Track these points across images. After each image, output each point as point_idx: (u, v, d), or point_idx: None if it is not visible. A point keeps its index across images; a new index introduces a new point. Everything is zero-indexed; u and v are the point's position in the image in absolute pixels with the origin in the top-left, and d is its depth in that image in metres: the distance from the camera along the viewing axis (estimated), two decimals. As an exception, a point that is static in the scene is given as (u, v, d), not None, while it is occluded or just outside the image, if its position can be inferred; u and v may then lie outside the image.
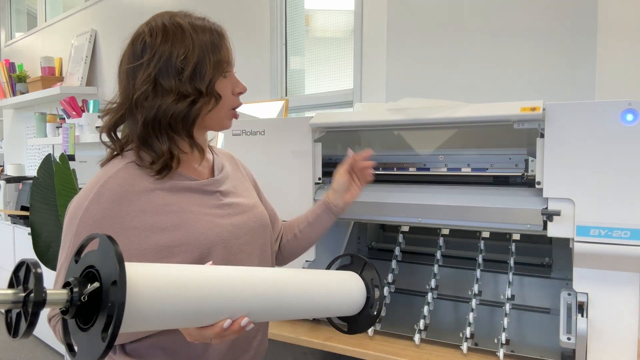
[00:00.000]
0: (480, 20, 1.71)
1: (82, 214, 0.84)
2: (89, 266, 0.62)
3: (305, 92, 2.46)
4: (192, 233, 0.88)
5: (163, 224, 0.86)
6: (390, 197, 1.30)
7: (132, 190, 0.86)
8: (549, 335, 1.21)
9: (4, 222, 3.54)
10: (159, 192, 0.88)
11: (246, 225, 0.97)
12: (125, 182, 0.86)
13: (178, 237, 0.86)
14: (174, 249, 0.86)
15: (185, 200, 0.90)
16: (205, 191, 0.94)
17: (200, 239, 0.88)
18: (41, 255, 2.19)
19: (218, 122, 0.95)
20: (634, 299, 1.03)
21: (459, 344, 1.20)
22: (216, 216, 0.93)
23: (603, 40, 1.46)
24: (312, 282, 0.91)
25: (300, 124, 1.38)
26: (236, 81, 0.96)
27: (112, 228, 0.83)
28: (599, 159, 1.02)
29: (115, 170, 0.88)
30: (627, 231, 1.00)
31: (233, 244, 0.93)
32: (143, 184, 0.87)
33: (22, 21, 4.97)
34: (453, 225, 1.26)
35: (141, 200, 0.86)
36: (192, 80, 0.87)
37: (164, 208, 0.87)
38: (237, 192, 1.01)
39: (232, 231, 0.93)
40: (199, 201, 0.92)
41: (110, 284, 0.58)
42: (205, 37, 0.89)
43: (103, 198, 0.84)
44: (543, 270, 1.37)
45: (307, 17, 2.46)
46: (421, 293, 1.38)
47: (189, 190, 0.91)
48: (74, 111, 3.38)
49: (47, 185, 2.21)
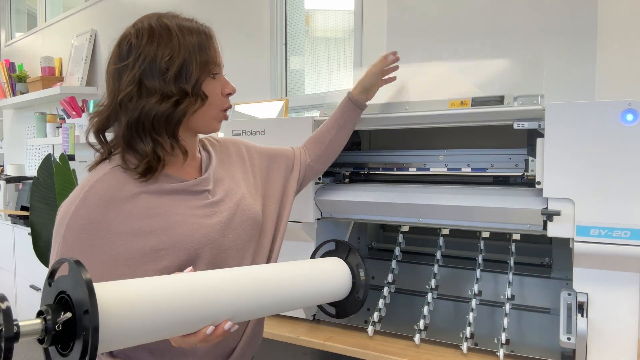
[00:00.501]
0: (480, 20, 1.71)
1: (69, 219, 0.84)
2: (61, 291, 0.63)
3: (305, 92, 2.46)
4: (178, 236, 0.88)
5: (149, 228, 0.86)
6: (390, 197, 1.30)
7: (118, 194, 0.86)
8: (549, 335, 1.21)
9: (4, 222, 3.53)
10: (145, 196, 0.88)
11: (234, 221, 0.97)
12: (111, 187, 0.86)
13: (164, 241, 0.87)
14: (160, 252, 0.86)
15: (171, 203, 0.90)
16: (193, 191, 0.94)
17: (187, 242, 0.88)
18: (41, 255, 2.19)
19: (206, 123, 0.95)
20: (634, 299, 1.03)
21: (459, 344, 1.20)
22: (203, 216, 0.92)
23: (603, 40, 1.46)
24: (296, 275, 0.93)
25: (300, 124, 1.38)
26: (225, 82, 0.96)
27: (98, 233, 0.84)
28: (599, 159, 1.02)
29: (102, 174, 0.88)
30: (627, 231, 1.00)
31: (222, 242, 0.94)
32: (128, 187, 0.87)
33: (22, 21, 4.97)
34: (453, 225, 1.26)
35: (127, 204, 0.86)
36: (177, 80, 0.87)
37: (150, 212, 0.87)
38: (226, 187, 1.00)
39: (220, 230, 0.93)
40: (185, 203, 0.91)
41: (83, 312, 0.60)
42: (192, 38, 0.89)
43: (89, 203, 0.84)
44: (543, 270, 1.37)
45: (307, 17, 2.46)
46: (421, 293, 1.38)
47: (175, 192, 0.91)
48: (74, 111, 3.38)
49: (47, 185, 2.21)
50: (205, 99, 0.91)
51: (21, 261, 3.41)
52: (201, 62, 0.89)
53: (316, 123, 1.36)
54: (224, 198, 0.98)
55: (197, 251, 0.89)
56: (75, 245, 0.84)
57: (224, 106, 0.96)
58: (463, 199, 1.21)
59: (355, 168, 1.50)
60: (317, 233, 1.41)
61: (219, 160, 1.04)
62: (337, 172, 1.50)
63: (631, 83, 1.43)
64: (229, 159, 1.07)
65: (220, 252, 0.93)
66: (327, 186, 1.42)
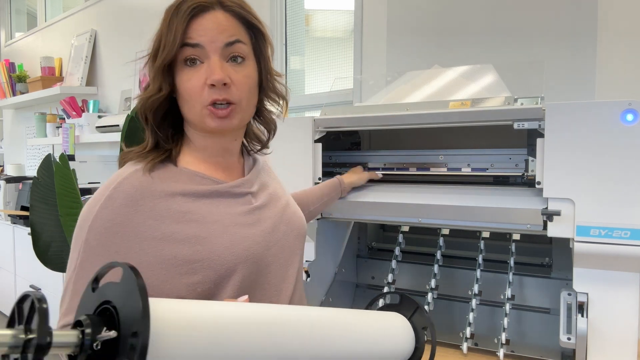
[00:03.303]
0: (480, 20, 1.71)
1: (92, 220, 0.74)
2: (106, 301, 0.52)
3: (305, 92, 2.46)
4: (216, 248, 0.77)
5: (182, 235, 0.76)
6: (390, 197, 1.30)
7: (148, 194, 0.76)
8: (549, 335, 1.21)
9: (4, 222, 3.53)
10: (180, 198, 0.78)
11: (278, 230, 0.87)
12: (141, 185, 0.76)
13: (200, 252, 0.76)
14: (194, 264, 0.76)
15: (209, 208, 0.79)
16: (235, 194, 0.83)
17: (226, 255, 0.77)
18: (41, 255, 2.19)
19: (196, 120, 0.80)
20: (634, 299, 1.03)
21: (459, 344, 1.20)
22: (244, 225, 0.81)
23: (603, 40, 1.46)
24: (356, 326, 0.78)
25: (300, 124, 1.38)
26: (210, 70, 0.76)
27: (124, 236, 0.74)
28: (599, 158, 1.01)
29: (131, 171, 0.78)
30: (627, 231, 1.00)
31: (264, 256, 0.82)
32: (161, 186, 0.77)
33: (22, 21, 4.97)
34: (453, 225, 1.26)
35: (159, 205, 0.76)
36: (149, 68, 0.79)
37: (185, 216, 0.77)
38: (270, 191, 0.91)
39: (263, 241, 0.83)
40: (225, 208, 0.81)
41: (131, 334, 0.48)
42: (163, 17, 0.78)
43: (115, 202, 0.74)
44: (543, 270, 1.37)
45: (307, 17, 2.46)
46: (421, 293, 1.38)
47: (215, 195, 0.81)
48: (74, 111, 3.39)
49: (47, 185, 2.21)
50: (162, 90, 0.78)
51: (21, 261, 3.41)
52: (158, 46, 0.77)
53: (316, 123, 1.36)
54: (268, 203, 0.88)
55: (236, 266, 0.78)
56: (99, 250, 0.74)
57: (205, 100, 0.77)
58: (463, 199, 1.21)
59: (355, 168, 1.49)
60: (317, 233, 1.41)
61: (264, 165, 0.96)
62: (337, 172, 1.50)
63: (631, 83, 1.42)
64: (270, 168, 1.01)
65: (262, 268, 0.82)
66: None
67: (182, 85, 0.78)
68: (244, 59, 0.80)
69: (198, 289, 0.76)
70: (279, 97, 0.89)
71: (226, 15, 0.79)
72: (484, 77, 1.38)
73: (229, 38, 0.78)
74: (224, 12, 0.79)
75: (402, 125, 1.29)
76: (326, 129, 1.36)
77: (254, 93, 0.83)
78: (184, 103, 0.79)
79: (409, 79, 1.51)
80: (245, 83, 0.80)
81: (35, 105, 4.13)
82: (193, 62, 0.77)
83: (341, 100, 2.21)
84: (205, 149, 0.84)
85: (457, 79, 1.40)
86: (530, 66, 1.49)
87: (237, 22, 0.80)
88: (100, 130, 2.98)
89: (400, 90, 1.47)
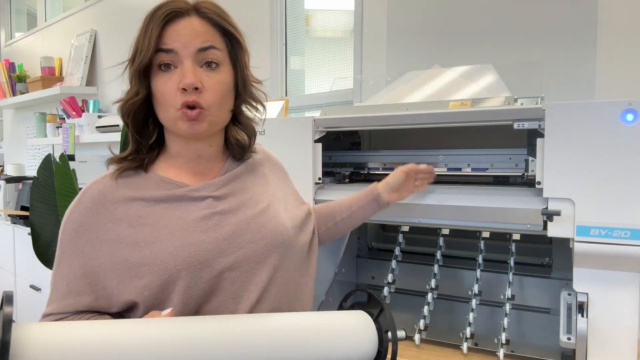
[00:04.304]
0: (480, 20, 1.71)
1: (64, 222, 0.81)
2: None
3: (305, 92, 2.46)
4: (160, 252, 0.77)
5: (134, 239, 0.78)
6: (390, 197, 1.29)
7: (110, 198, 0.80)
8: (549, 335, 1.21)
9: (4, 222, 3.53)
10: (139, 203, 0.80)
11: (240, 238, 0.81)
12: (105, 189, 0.81)
13: (147, 256, 0.77)
14: (142, 268, 0.77)
15: (164, 212, 0.80)
16: (193, 198, 0.81)
17: (168, 261, 0.77)
18: (41, 255, 2.19)
19: (169, 124, 0.81)
20: (634, 299, 1.03)
21: (459, 344, 1.20)
22: (195, 231, 0.79)
23: (603, 40, 1.46)
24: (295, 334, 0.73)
25: (300, 124, 1.38)
26: (182, 74, 0.77)
27: (89, 238, 0.79)
28: (599, 159, 1.01)
29: (103, 176, 0.83)
30: (627, 231, 1.00)
31: (214, 263, 0.79)
32: (123, 191, 0.81)
33: (22, 21, 4.97)
34: (453, 225, 1.26)
35: (118, 209, 0.79)
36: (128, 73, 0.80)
37: (139, 220, 0.79)
38: (246, 198, 0.86)
39: (214, 248, 0.79)
40: (182, 213, 0.80)
41: None
42: (141, 24, 0.80)
43: (82, 205, 0.80)
44: (543, 270, 1.37)
45: (307, 17, 2.46)
46: (421, 293, 1.38)
47: (172, 199, 0.81)
48: (74, 111, 3.38)
49: (47, 185, 2.21)
50: (139, 94, 0.79)
51: (21, 261, 3.40)
52: (135, 51, 0.79)
53: (316, 123, 1.36)
54: (235, 209, 0.84)
55: (179, 272, 0.76)
56: (69, 249, 0.80)
57: (177, 103, 0.77)
58: (463, 199, 1.21)
59: (355, 168, 1.50)
60: (317, 233, 1.41)
61: (252, 171, 0.92)
62: (337, 172, 1.50)
63: (631, 83, 1.42)
64: (275, 175, 0.96)
65: (213, 275, 0.79)
66: (327, 186, 1.42)
67: (157, 90, 0.79)
68: (218, 65, 0.80)
69: (145, 293, 0.77)
70: (257, 103, 0.90)
71: (201, 22, 0.80)
72: (484, 77, 1.38)
73: (203, 44, 0.79)
74: (200, 19, 0.80)
75: (402, 125, 1.29)
76: (326, 129, 1.36)
77: (228, 99, 0.83)
78: (159, 107, 0.80)
79: (409, 79, 1.51)
80: (217, 89, 0.80)
81: (35, 105, 4.12)
82: (167, 67, 0.78)
83: (341, 100, 2.21)
84: (179, 154, 0.85)
85: (457, 79, 1.40)
86: (530, 66, 1.49)
87: (213, 28, 0.81)
88: (100, 130, 2.98)
89: (400, 90, 1.47)
